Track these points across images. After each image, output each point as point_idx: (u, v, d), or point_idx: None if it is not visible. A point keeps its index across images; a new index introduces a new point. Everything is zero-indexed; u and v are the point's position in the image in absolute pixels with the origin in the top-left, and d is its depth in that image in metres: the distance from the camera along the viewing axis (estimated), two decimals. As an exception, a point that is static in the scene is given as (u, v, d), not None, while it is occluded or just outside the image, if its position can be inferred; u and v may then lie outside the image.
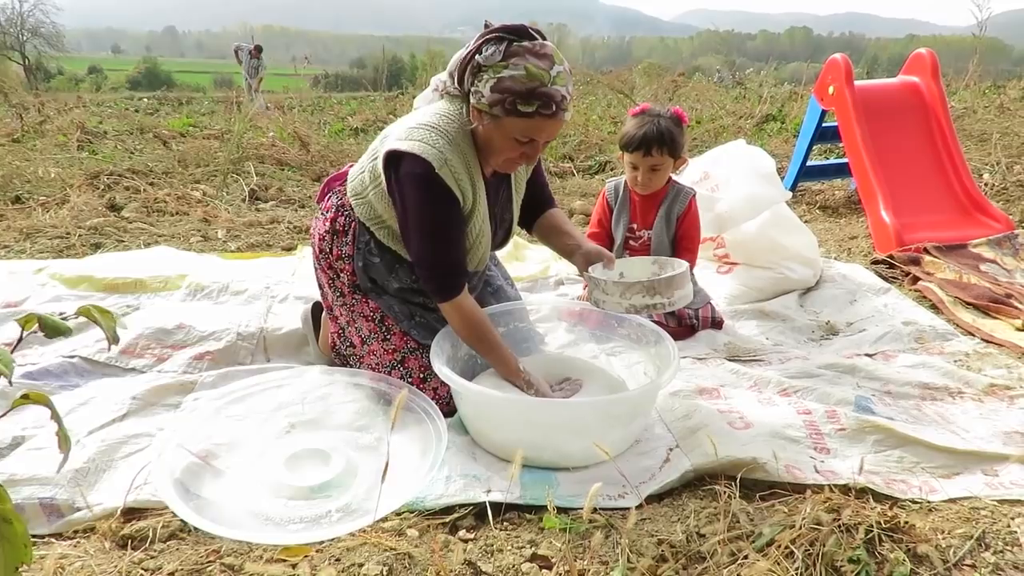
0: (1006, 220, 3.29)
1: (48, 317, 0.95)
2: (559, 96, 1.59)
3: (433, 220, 1.68)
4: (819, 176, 4.49)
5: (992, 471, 1.59)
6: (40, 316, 0.94)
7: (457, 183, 1.67)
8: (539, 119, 1.59)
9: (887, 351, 2.26)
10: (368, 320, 1.88)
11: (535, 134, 1.63)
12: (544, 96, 1.57)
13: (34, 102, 8.82)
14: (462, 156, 1.69)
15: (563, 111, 1.61)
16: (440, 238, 1.70)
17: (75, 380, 1.97)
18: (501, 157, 1.70)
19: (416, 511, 1.43)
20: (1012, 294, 2.61)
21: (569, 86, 1.62)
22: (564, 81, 1.60)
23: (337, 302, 1.94)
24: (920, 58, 3.83)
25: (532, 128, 1.62)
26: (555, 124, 1.63)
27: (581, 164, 5.59)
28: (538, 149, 1.68)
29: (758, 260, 2.77)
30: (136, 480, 1.47)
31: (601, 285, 1.81)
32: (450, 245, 1.71)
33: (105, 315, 0.99)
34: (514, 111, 1.59)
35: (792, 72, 13.66)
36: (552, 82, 1.57)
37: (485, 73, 1.60)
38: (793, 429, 1.69)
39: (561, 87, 1.59)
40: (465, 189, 1.69)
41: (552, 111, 1.59)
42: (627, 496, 1.48)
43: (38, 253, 3.19)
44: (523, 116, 1.59)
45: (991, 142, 5.05)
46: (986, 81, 8.99)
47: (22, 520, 0.84)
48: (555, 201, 2.09)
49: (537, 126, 1.61)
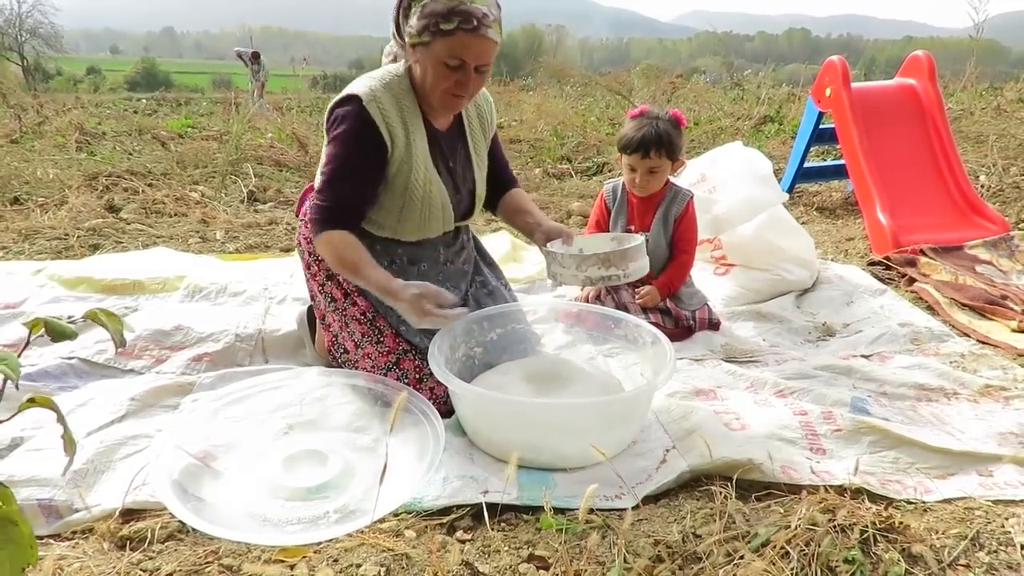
0: (1002, 222, 3.30)
1: (54, 321, 0.95)
2: (480, 13, 1.63)
3: (344, 152, 1.74)
4: (816, 178, 4.51)
5: (987, 472, 1.59)
6: (46, 320, 0.95)
7: (384, 120, 1.72)
8: (461, 35, 1.63)
9: (883, 352, 2.27)
10: (360, 323, 1.90)
11: (461, 53, 1.66)
12: (464, 12, 1.62)
13: (32, 103, 8.82)
14: (395, 98, 1.75)
15: (486, 27, 1.65)
16: (342, 172, 1.75)
17: (74, 381, 1.97)
18: (438, 90, 1.72)
19: (413, 512, 1.44)
20: (1008, 295, 2.62)
21: (493, 9, 1.67)
22: (486, 2, 1.65)
23: (329, 308, 1.96)
24: (917, 60, 3.84)
25: (456, 46, 1.65)
26: (479, 42, 1.66)
27: (579, 165, 5.60)
28: (471, 76, 1.70)
29: (755, 262, 2.78)
30: (135, 481, 1.48)
31: (558, 259, 1.84)
32: (348, 182, 1.75)
33: (112, 318, 1.00)
34: (438, 31, 1.64)
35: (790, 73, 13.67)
36: (470, 1, 1.63)
37: (413, 6, 1.67)
38: (789, 430, 1.70)
39: (482, 6, 1.64)
40: (394, 129, 1.74)
41: (473, 26, 1.63)
42: (624, 497, 1.49)
43: (36, 254, 3.19)
44: (446, 35, 1.64)
45: (988, 144, 5.06)
46: (983, 83, 9.01)
47: (27, 522, 0.84)
48: (518, 181, 2.15)
49: (461, 43, 1.64)
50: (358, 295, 1.89)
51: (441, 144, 1.87)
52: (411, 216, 1.84)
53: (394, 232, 1.88)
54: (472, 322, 1.93)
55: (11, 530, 0.83)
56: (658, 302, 2.39)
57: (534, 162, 5.78)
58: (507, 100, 8.89)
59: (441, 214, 1.87)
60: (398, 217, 1.84)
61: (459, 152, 1.93)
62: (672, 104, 8.55)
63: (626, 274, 1.81)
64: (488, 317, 1.98)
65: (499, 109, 8.22)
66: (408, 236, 1.90)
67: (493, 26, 1.66)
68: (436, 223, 1.88)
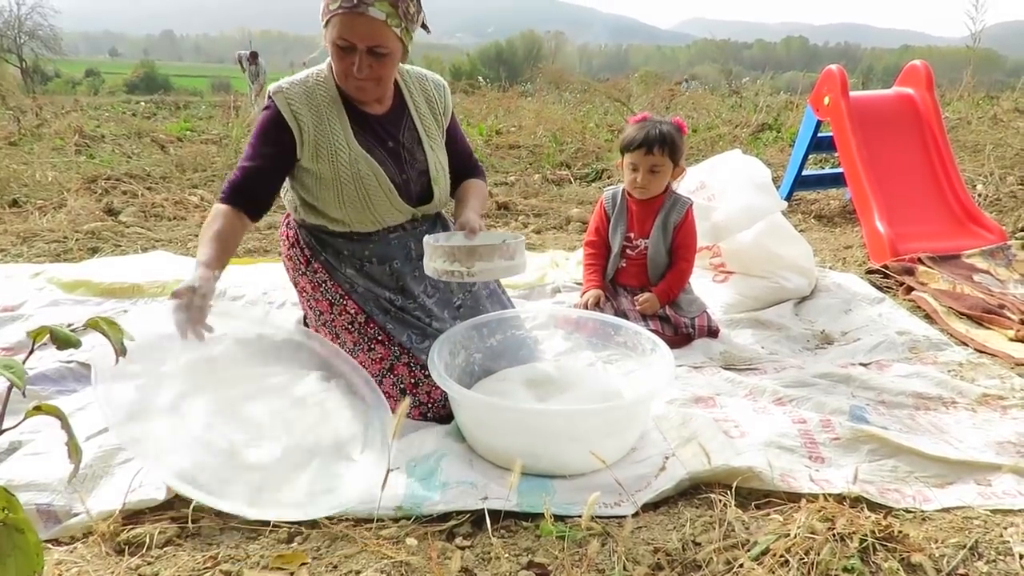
0: (999, 231, 3.31)
1: (59, 329, 0.96)
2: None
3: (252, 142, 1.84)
4: (814, 185, 4.53)
5: (985, 481, 1.60)
6: (52, 329, 0.95)
7: (290, 108, 1.79)
8: (343, 14, 1.68)
9: (881, 360, 2.28)
10: (349, 332, 1.91)
11: (346, 33, 1.70)
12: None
13: (31, 105, 8.82)
14: (307, 89, 1.83)
15: (367, 5, 1.67)
16: (245, 157, 1.84)
17: (72, 385, 1.97)
18: (340, 74, 1.79)
19: (413, 518, 1.44)
20: (1005, 304, 2.63)
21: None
22: None
23: (319, 321, 1.98)
24: (915, 70, 3.86)
25: (341, 27, 1.69)
26: (361, 21, 1.69)
27: (578, 172, 5.61)
28: (362, 58, 1.73)
29: (754, 269, 2.79)
30: (132, 483, 1.47)
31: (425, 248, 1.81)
32: (251, 160, 1.82)
33: (113, 327, 1.00)
34: (327, 12, 1.70)
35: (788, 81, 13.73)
36: None
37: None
38: (788, 438, 1.70)
39: None
40: (301, 115, 1.80)
41: (352, 5, 1.66)
42: (623, 504, 1.49)
43: (35, 257, 3.19)
44: (333, 15, 1.69)
45: (984, 153, 5.09)
46: (980, 92, 9.04)
47: (34, 529, 0.85)
48: (480, 171, 2.18)
49: (344, 23, 1.69)
50: (347, 299, 1.91)
51: (375, 127, 1.90)
52: (351, 199, 1.86)
53: (348, 222, 1.91)
54: (471, 328, 1.94)
55: (18, 538, 0.83)
56: (657, 309, 2.39)
57: (533, 168, 5.79)
58: (506, 106, 8.90)
59: (383, 194, 1.88)
60: (340, 202, 1.86)
61: (403, 135, 1.95)
62: (671, 111, 8.58)
63: (470, 272, 1.73)
64: (487, 323, 1.98)
65: (498, 115, 8.25)
66: (363, 225, 1.92)
67: (377, 5, 1.68)
68: (382, 204, 1.89)
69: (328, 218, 1.91)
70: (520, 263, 1.81)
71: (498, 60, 40.33)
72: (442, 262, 1.74)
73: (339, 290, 1.92)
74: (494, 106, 8.92)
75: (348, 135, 1.84)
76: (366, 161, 1.85)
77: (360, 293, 1.92)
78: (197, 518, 1.42)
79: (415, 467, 1.60)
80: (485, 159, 5.84)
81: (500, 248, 1.76)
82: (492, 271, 1.76)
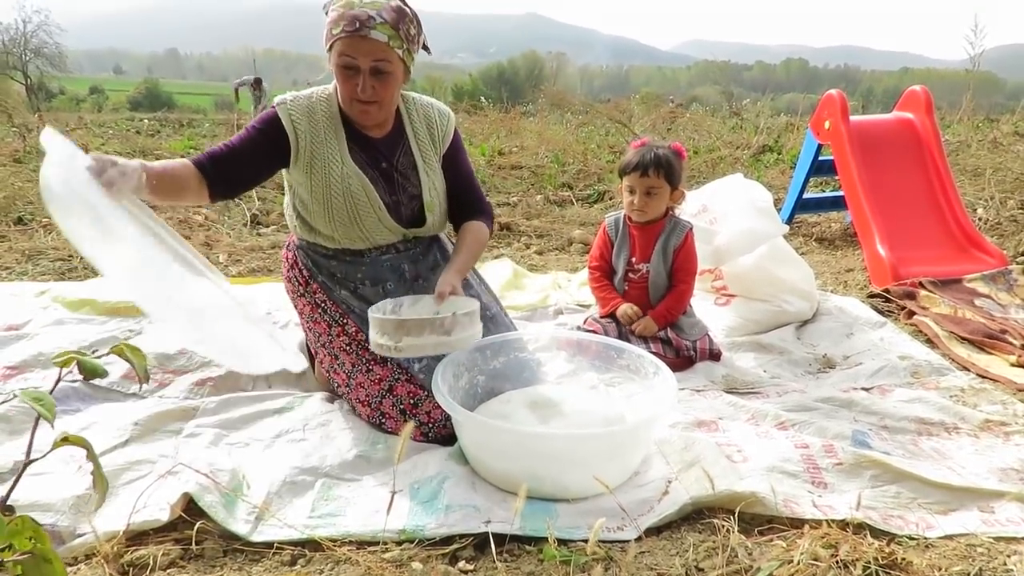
0: (1000, 255, 3.33)
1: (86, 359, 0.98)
2: (364, 16, 1.71)
3: (250, 126, 1.87)
4: (815, 209, 4.55)
5: (988, 508, 1.60)
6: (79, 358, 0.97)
7: (290, 118, 1.83)
8: (346, 38, 1.72)
9: (883, 385, 2.28)
10: (347, 353, 1.92)
11: (349, 51, 1.73)
12: (349, 17, 1.71)
13: (36, 122, 8.87)
14: (310, 105, 1.87)
15: (368, 28, 1.71)
16: (241, 136, 1.86)
17: (76, 404, 1.97)
18: (344, 97, 1.83)
19: (416, 541, 1.44)
20: (1007, 329, 2.64)
21: (384, 13, 1.73)
22: (377, 6, 1.73)
23: (318, 343, 1.99)
24: (914, 95, 3.90)
25: (344, 49, 1.73)
26: (364, 43, 1.72)
27: (580, 193, 5.63)
28: (365, 78, 1.76)
29: (755, 293, 2.80)
30: (136, 504, 1.47)
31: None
32: (239, 142, 1.84)
33: (137, 354, 1.02)
34: (330, 36, 1.74)
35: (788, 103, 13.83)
36: (360, 5, 1.71)
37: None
38: (791, 463, 1.70)
39: (371, 10, 1.72)
40: (299, 125, 1.84)
41: (355, 28, 1.70)
42: (626, 529, 1.49)
43: (40, 275, 3.21)
44: (336, 39, 1.73)
45: (985, 177, 5.11)
46: (980, 115, 9.11)
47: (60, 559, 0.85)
48: (486, 212, 2.12)
49: (347, 45, 1.72)
50: (346, 318, 1.94)
51: (371, 148, 1.93)
52: (340, 213, 1.88)
53: (337, 238, 1.93)
54: (475, 351, 1.94)
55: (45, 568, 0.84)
56: (655, 331, 2.40)
57: (535, 188, 5.82)
58: (508, 126, 8.95)
59: (373, 212, 1.90)
60: (328, 216, 1.89)
61: (399, 158, 1.96)
62: (672, 132, 8.63)
63: (398, 347, 1.65)
64: (491, 345, 1.99)
65: (500, 135, 8.29)
66: (352, 241, 1.94)
67: (379, 28, 1.72)
68: (371, 221, 1.91)
69: (321, 234, 1.94)
70: (459, 339, 1.70)
71: (500, 80, 40.62)
72: (375, 333, 1.69)
73: (338, 310, 1.94)
74: (496, 127, 8.98)
75: (343, 152, 1.88)
76: (358, 178, 1.87)
77: (357, 314, 1.93)
78: (201, 540, 1.42)
79: (418, 490, 1.61)
80: (487, 180, 5.87)
81: (432, 323, 1.66)
82: (422, 347, 1.67)
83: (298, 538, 1.44)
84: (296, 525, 1.47)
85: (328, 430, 1.86)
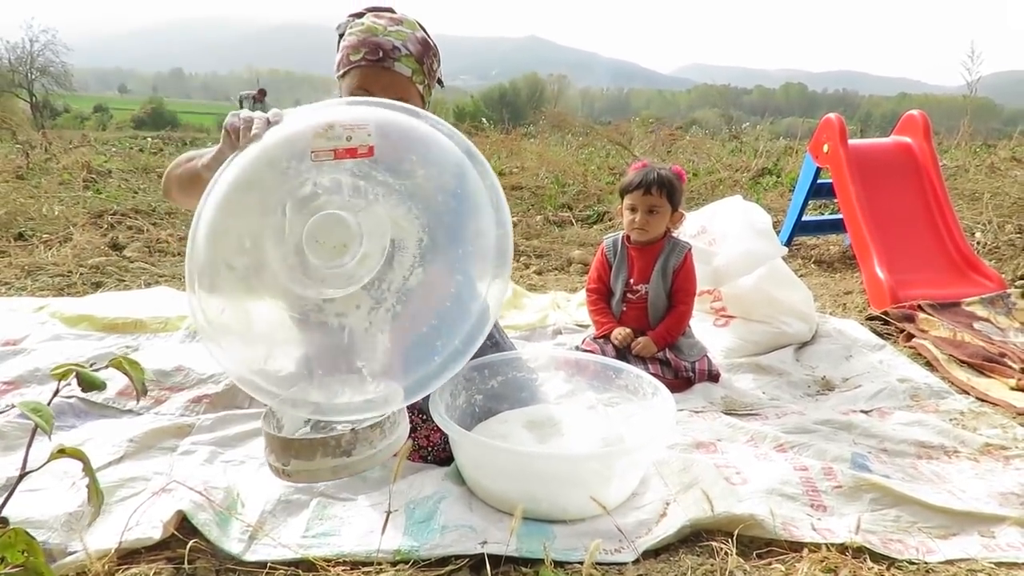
0: (998, 279, 3.33)
1: (85, 371, 0.97)
2: (389, 46, 1.62)
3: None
4: (814, 231, 4.56)
5: (989, 532, 1.58)
6: (79, 370, 0.97)
7: None
8: (366, 67, 1.63)
9: (883, 408, 2.27)
10: None
11: (367, 84, 1.65)
12: (372, 44, 1.62)
13: (40, 140, 8.92)
14: None
15: (392, 60, 1.63)
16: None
17: (71, 421, 1.96)
18: None
19: (411, 561, 1.42)
20: (1006, 353, 2.64)
21: (410, 44, 1.65)
22: (402, 37, 1.64)
23: None
24: (912, 119, 3.93)
25: (362, 78, 1.64)
26: (385, 74, 1.64)
27: (579, 214, 5.65)
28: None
29: (754, 314, 2.80)
30: (129, 522, 1.46)
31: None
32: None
33: (135, 367, 1.02)
34: (347, 63, 1.65)
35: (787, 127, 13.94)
36: (385, 33, 1.62)
37: (339, 42, 1.69)
38: (790, 486, 1.69)
39: (396, 39, 1.63)
40: None
41: (378, 57, 1.62)
42: (624, 551, 1.47)
43: (39, 291, 3.21)
44: (354, 66, 1.64)
45: (983, 201, 5.13)
46: (977, 140, 9.16)
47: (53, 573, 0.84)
48: None
49: (366, 75, 1.64)
50: None
51: None
52: None
53: None
54: (472, 370, 1.94)
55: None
56: (653, 352, 2.40)
57: (535, 209, 5.84)
58: (509, 147, 9.00)
59: None
60: None
61: None
62: (672, 155, 8.68)
63: (286, 470, 1.40)
64: (489, 364, 1.98)
65: (501, 156, 8.34)
66: None
67: (404, 60, 1.65)
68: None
69: None
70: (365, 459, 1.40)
71: (501, 102, 40.88)
72: (266, 451, 1.46)
73: None
74: (497, 147, 9.02)
75: None
76: None
77: None
78: (193, 558, 1.40)
79: (414, 510, 1.59)
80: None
81: (325, 444, 1.37)
82: (315, 473, 1.40)
83: (292, 558, 1.42)
84: (290, 545, 1.46)
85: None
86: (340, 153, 1.33)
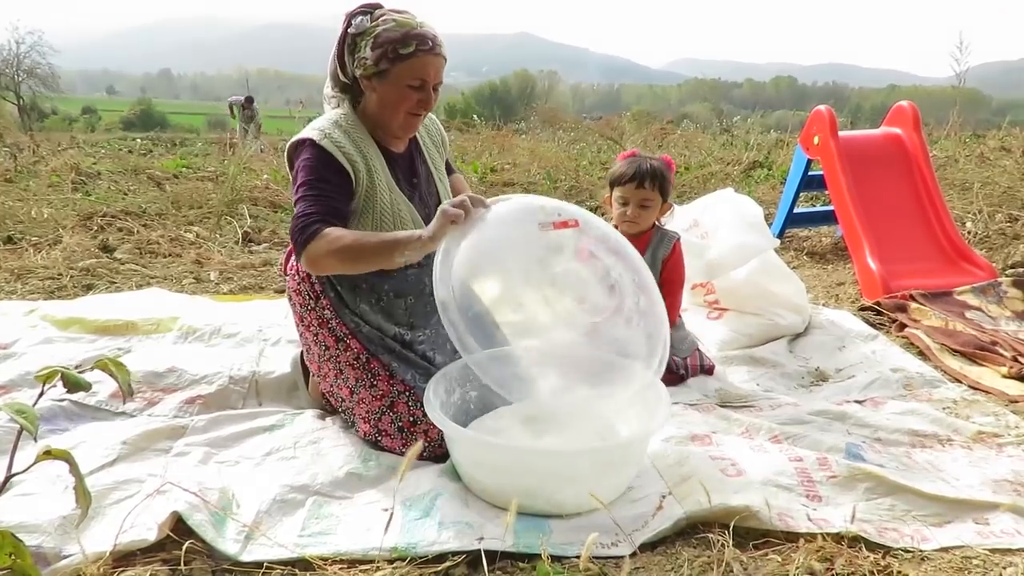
0: (989, 268, 3.35)
1: (69, 372, 0.97)
2: (431, 35, 1.79)
3: (311, 175, 1.78)
4: (806, 223, 4.58)
5: (983, 520, 1.59)
6: (63, 372, 0.96)
7: (341, 151, 1.79)
8: (421, 56, 1.77)
9: (876, 398, 2.28)
10: (354, 368, 1.90)
11: (422, 74, 1.79)
12: (419, 36, 1.76)
13: (28, 142, 8.85)
14: (345, 132, 1.84)
15: (440, 47, 1.80)
16: (313, 186, 1.77)
17: (64, 424, 1.95)
18: (400, 112, 1.84)
19: (408, 559, 1.42)
20: (997, 341, 2.65)
21: (437, 34, 1.80)
22: (431, 27, 1.79)
23: (324, 356, 1.95)
24: (902, 110, 3.94)
25: (418, 67, 1.78)
26: (437, 61, 1.81)
27: (572, 209, 5.65)
28: (430, 94, 1.84)
29: (747, 306, 2.81)
30: (124, 524, 1.45)
31: None
32: (321, 191, 1.77)
33: (121, 369, 1.01)
34: (397, 56, 1.76)
35: (778, 119, 13.98)
36: (420, 26, 1.77)
37: (361, 40, 1.78)
38: (785, 476, 1.70)
39: (429, 29, 1.78)
40: (352, 157, 1.81)
41: (430, 47, 1.78)
42: (620, 544, 1.48)
43: (29, 294, 3.18)
44: (406, 58, 1.76)
45: (973, 191, 5.16)
46: (967, 131, 9.20)
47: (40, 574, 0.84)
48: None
49: (422, 64, 1.78)
50: (352, 338, 1.90)
51: (401, 165, 1.97)
52: None
53: None
54: (467, 366, 1.93)
55: None
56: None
57: (527, 205, 5.83)
58: (500, 144, 8.99)
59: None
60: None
61: (420, 170, 2.03)
62: (663, 149, 8.69)
63: None
64: (483, 360, 1.97)
65: (492, 153, 8.34)
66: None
67: (442, 47, 1.81)
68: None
69: None
70: None
71: (492, 99, 40.85)
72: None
73: (344, 329, 1.91)
74: (488, 144, 9.02)
75: (388, 178, 1.90)
76: (404, 202, 1.91)
77: (364, 333, 1.90)
78: (189, 560, 1.40)
79: (410, 507, 1.59)
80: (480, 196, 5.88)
81: None
82: None
83: (288, 557, 1.42)
84: (286, 544, 1.46)
85: (319, 447, 1.84)
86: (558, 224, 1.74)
